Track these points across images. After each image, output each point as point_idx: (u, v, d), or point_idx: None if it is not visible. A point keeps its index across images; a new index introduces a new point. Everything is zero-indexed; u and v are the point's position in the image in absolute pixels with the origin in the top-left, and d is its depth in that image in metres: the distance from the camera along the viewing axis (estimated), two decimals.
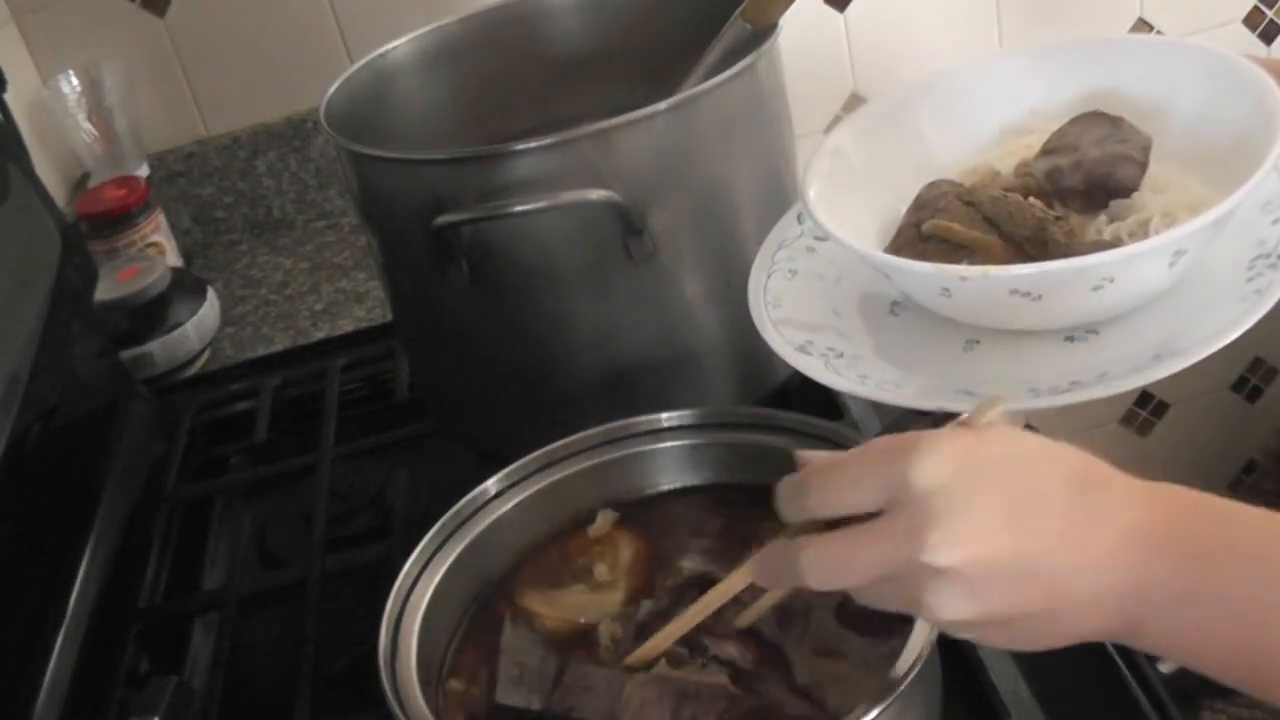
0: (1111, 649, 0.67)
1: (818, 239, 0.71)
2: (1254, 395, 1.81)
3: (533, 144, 0.71)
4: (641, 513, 0.71)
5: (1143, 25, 1.47)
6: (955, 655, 0.66)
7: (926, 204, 0.66)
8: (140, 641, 0.81)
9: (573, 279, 0.77)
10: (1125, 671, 0.65)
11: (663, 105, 0.72)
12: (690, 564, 0.66)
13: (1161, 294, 0.61)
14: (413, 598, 0.64)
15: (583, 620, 0.65)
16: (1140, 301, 0.60)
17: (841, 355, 0.64)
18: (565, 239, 0.76)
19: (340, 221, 1.37)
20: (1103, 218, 0.64)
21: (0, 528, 0.73)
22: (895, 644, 0.55)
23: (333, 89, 0.84)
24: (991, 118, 0.73)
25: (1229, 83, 0.65)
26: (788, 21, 0.79)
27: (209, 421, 1.06)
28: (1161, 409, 1.72)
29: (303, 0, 1.29)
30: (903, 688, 0.53)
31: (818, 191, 0.66)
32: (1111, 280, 0.57)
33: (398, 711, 0.57)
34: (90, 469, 0.89)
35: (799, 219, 0.73)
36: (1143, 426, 1.73)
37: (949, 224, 0.63)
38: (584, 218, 0.74)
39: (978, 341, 0.63)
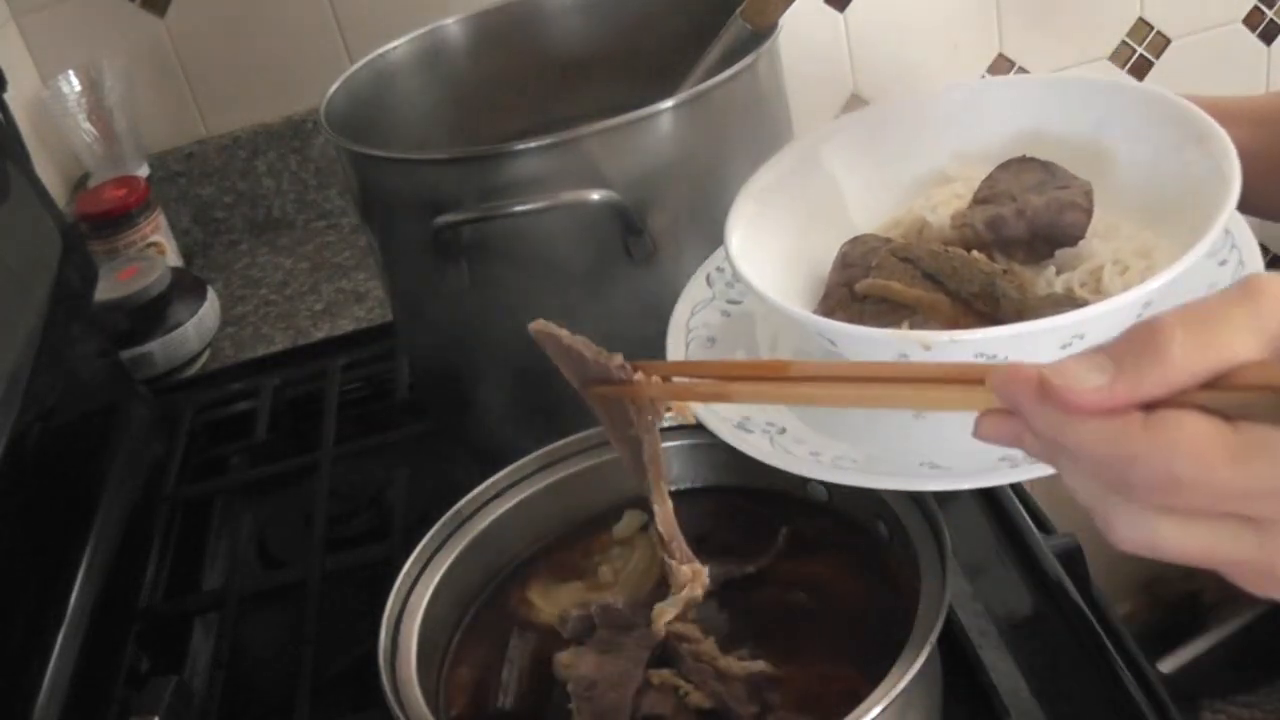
0: (1111, 649, 0.67)
1: (731, 302, 0.67)
2: None
3: (533, 144, 0.71)
4: (645, 512, 0.71)
5: (1143, 25, 1.47)
6: (955, 655, 0.66)
7: (854, 262, 0.62)
8: (140, 641, 0.81)
9: (573, 279, 0.77)
10: (1125, 671, 0.65)
11: (663, 105, 0.72)
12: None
13: None
14: (413, 598, 0.64)
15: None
16: None
17: (784, 431, 0.59)
18: (565, 239, 0.76)
19: (340, 221, 1.37)
20: (1051, 269, 0.61)
21: (0, 528, 0.73)
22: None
23: (333, 89, 0.84)
24: (909, 164, 0.68)
25: (1165, 122, 0.62)
26: (788, 21, 0.79)
27: (209, 421, 1.06)
28: None
29: (303, 0, 1.29)
30: (903, 687, 0.53)
31: (740, 249, 0.61)
32: (1082, 337, 0.53)
33: (398, 711, 0.57)
34: (90, 469, 0.89)
35: (708, 280, 0.68)
36: None
37: (887, 283, 0.59)
38: (584, 218, 0.74)
39: None
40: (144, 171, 1.28)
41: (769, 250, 0.62)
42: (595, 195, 0.72)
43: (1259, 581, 0.39)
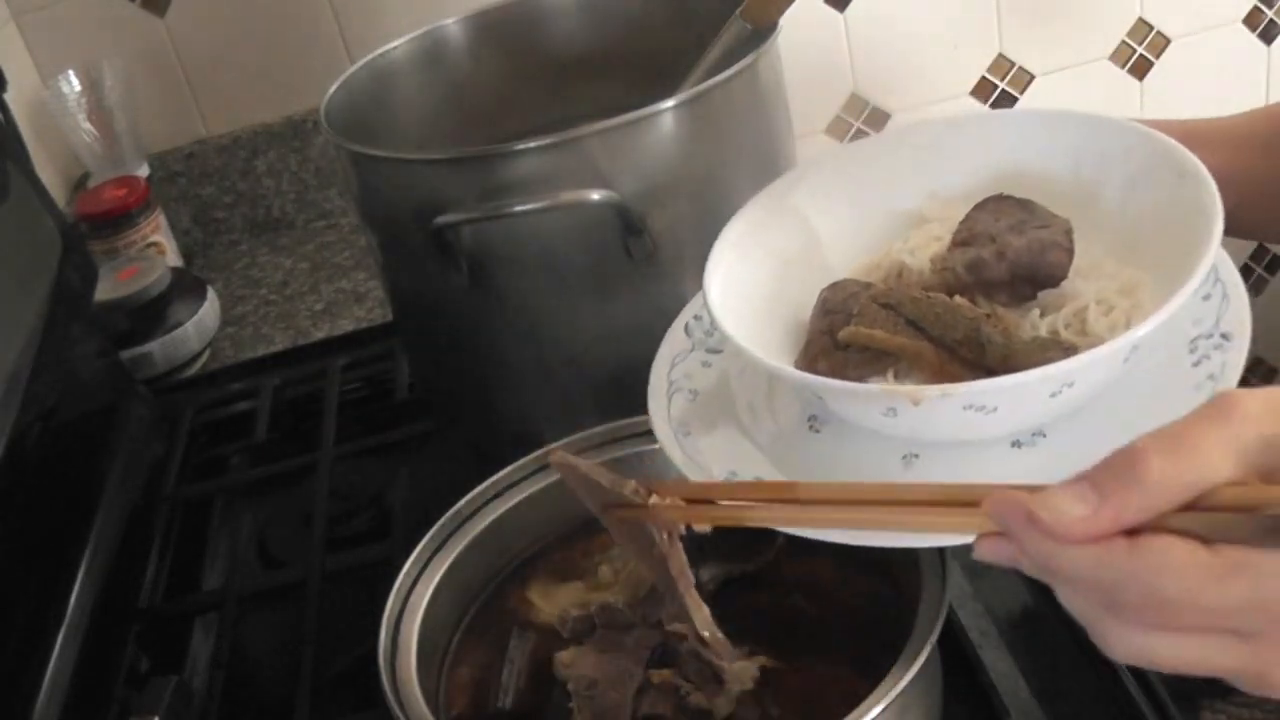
0: None
1: (711, 351, 0.66)
2: None
3: (533, 144, 0.71)
4: None
5: (1143, 25, 1.47)
6: (955, 655, 0.66)
7: (835, 308, 0.61)
8: (140, 641, 0.81)
9: (573, 279, 0.77)
10: (1125, 671, 0.65)
11: (663, 105, 0.72)
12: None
13: (1108, 386, 0.56)
14: (413, 598, 0.64)
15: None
16: (1090, 399, 0.56)
17: None
18: (565, 239, 0.76)
19: (340, 221, 1.37)
20: (1035, 311, 0.59)
21: (0, 528, 0.73)
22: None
23: (333, 89, 0.84)
24: (884, 205, 0.67)
25: (1143, 157, 0.60)
26: (788, 21, 0.79)
27: (209, 421, 1.06)
28: None
29: (303, 0, 1.29)
30: (902, 687, 0.53)
31: (720, 301, 0.60)
32: (1071, 385, 0.53)
33: (398, 711, 0.57)
34: (90, 469, 0.88)
35: (686, 330, 0.67)
36: None
37: (869, 331, 0.58)
38: (584, 218, 0.74)
39: (916, 455, 0.58)
40: (144, 171, 1.28)
41: (749, 300, 0.62)
42: (595, 195, 0.72)
43: (1255, 685, 0.40)
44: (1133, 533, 0.39)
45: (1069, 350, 0.54)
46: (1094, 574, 0.39)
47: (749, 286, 0.63)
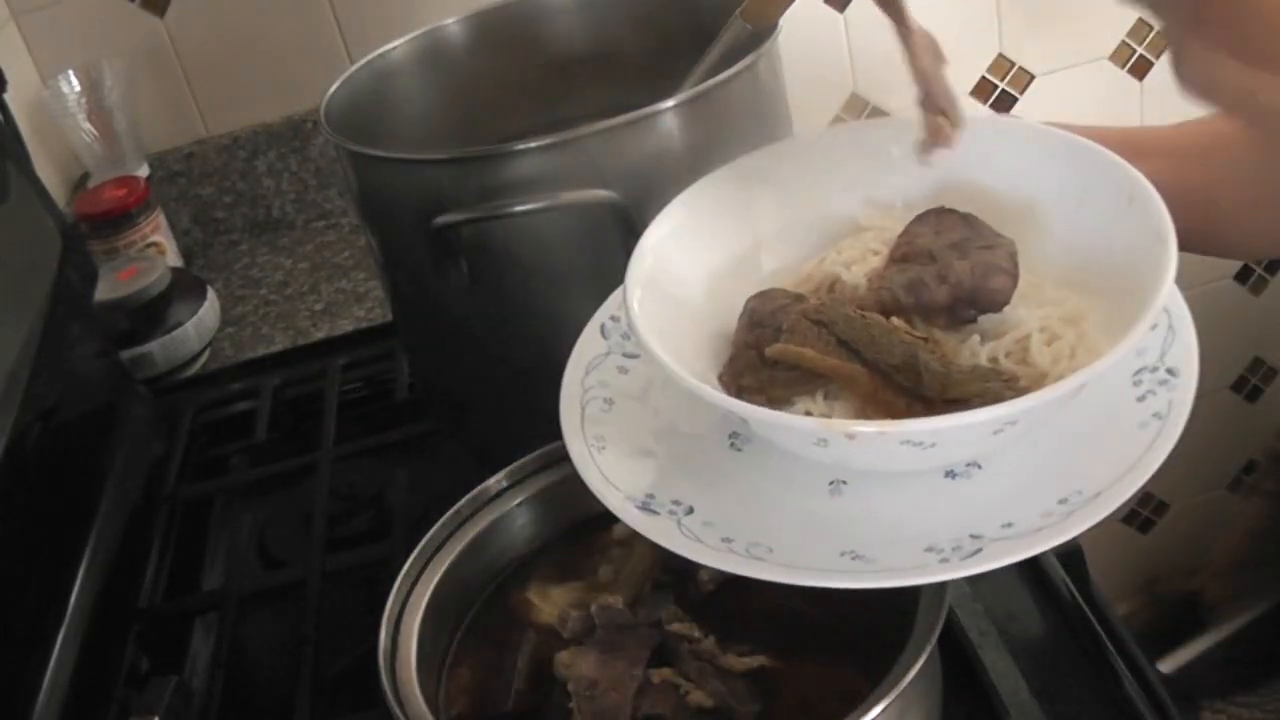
0: (1111, 649, 0.67)
1: (628, 356, 0.62)
2: (1254, 395, 1.81)
3: (533, 144, 0.71)
4: None
5: (1143, 25, 1.47)
6: (955, 655, 0.66)
7: (763, 320, 0.57)
8: (140, 641, 0.81)
9: (573, 279, 0.77)
10: (1125, 671, 0.65)
11: (663, 105, 0.72)
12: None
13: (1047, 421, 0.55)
14: (413, 598, 0.64)
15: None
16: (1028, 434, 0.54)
17: (691, 511, 0.55)
18: (565, 239, 0.76)
19: (340, 221, 1.37)
20: (975, 337, 0.56)
21: (0, 528, 0.73)
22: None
23: (333, 89, 0.84)
24: (820, 207, 0.64)
25: (1091, 176, 0.58)
26: (788, 21, 0.79)
27: (209, 421, 1.06)
28: None
29: (303, 0, 1.29)
30: (902, 687, 0.53)
31: (641, 306, 0.56)
32: (1014, 423, 0.51)
33: (398, 711, 0.57)
34: (90, 469, 0.89)
35: (602, 331, 0.63)
36: None
37: (799, 350, 0.54)
38: (584, 218, 0.74)
39: (844, 482, 0.55)
40: (144, 171, 1.28)
41: (672, 302, 0.59)
42: (595, 195, 0.72)
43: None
44: None
45: (1009, 381, 0.52)
46: None
47: (673, 287, 0.60)
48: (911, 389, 0.53)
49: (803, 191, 0.65)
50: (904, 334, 0.55)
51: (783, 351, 0.55)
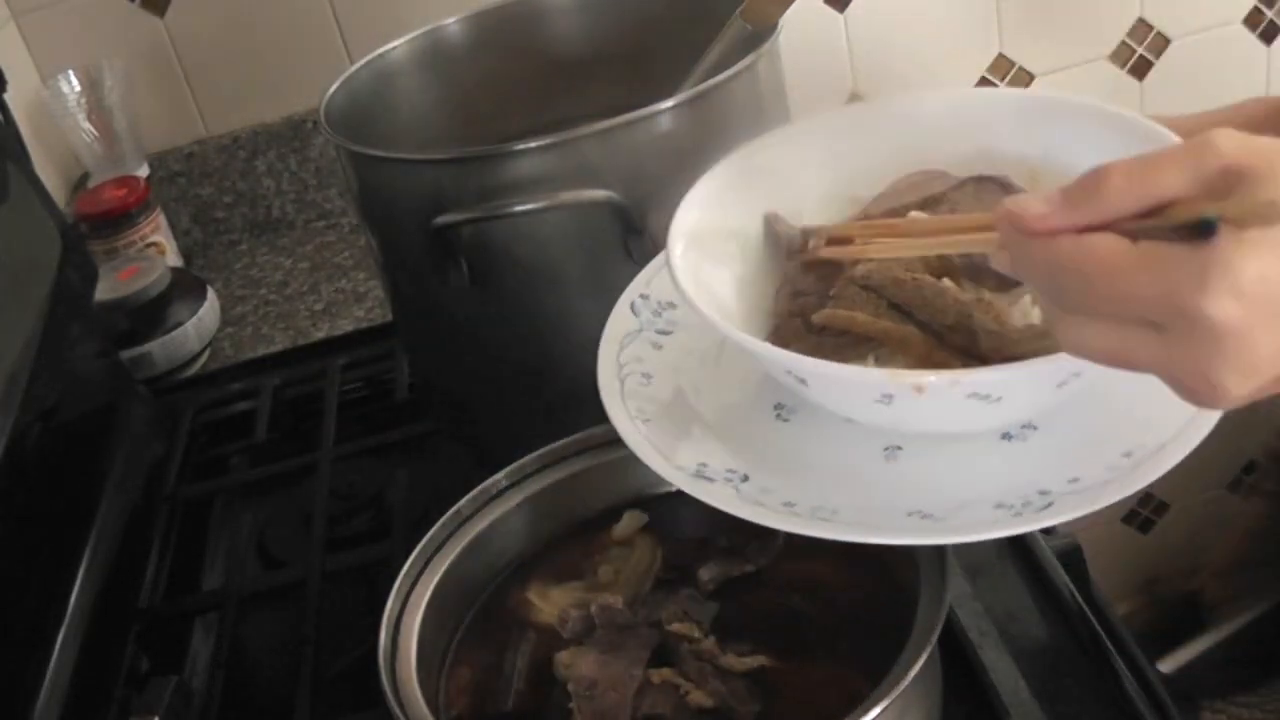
0: (1111, 649, 0.67)
1: (661, 332, 0.61)
2: None
3: (533, 144, 0.71)
4: (644, 512, 0.71)
5: (1143, 25, 1.47)
6: (955, 655, 0.66)
7: (807, 289, 0.56)
8: (140, 641, 0.81)
9: (573, 279, 0.77)
10: (1125, 671, 0.65)
11: (663, 105, 0.72)
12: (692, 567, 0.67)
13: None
14: (413, 597, 0.64)
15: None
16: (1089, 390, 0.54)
17: (747, 479, 0.54)
18: (565, 239, 0.76)
19: (340, 221, 1.37)
20: (1026, 298, 0.55)
21: (0, 528, 0.73)
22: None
23: (333, 89, 0.84)
24: (859, 181, 0.63)
25: (1129, 147, 0.56)
26: (788, 21, 0.79)
27: (209, 421, 1.06)
28: None
29: (303, 0, 1.29)
30: (903, 688, 0.53)
31: (685, 275, 0.55)
32: (1079, 375, 0.50)
33: (398, 711, 0.57)
34: (90, 469, 0.89)
35: (632, 309, 0.62)
36: None
37: (850, 314, 0.54)
38: (584, 218, 0.74)
39: (899, 447, 0.54)
40: (144, 171, 1.28)
41: (714, 261, 0.57)
42: (595, 195, 0.72)
43: (1176, 388, 0.43)
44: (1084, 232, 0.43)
45: None
46: (1045, 261, 0.44)
47: (717, 244, 0.59)
48: (966, 349, 0.53)
49: (842, 161, 0.64)
50: (957, 294, 0.54)
51: (831, 317, 0.54)
